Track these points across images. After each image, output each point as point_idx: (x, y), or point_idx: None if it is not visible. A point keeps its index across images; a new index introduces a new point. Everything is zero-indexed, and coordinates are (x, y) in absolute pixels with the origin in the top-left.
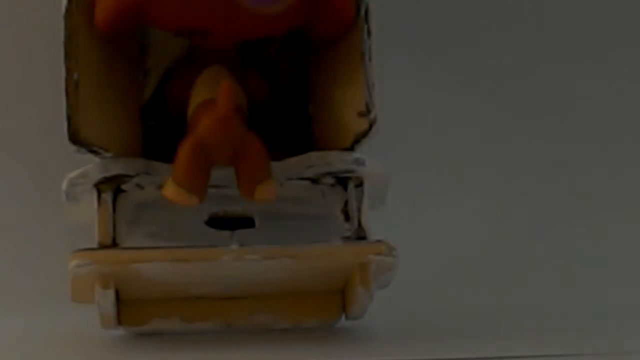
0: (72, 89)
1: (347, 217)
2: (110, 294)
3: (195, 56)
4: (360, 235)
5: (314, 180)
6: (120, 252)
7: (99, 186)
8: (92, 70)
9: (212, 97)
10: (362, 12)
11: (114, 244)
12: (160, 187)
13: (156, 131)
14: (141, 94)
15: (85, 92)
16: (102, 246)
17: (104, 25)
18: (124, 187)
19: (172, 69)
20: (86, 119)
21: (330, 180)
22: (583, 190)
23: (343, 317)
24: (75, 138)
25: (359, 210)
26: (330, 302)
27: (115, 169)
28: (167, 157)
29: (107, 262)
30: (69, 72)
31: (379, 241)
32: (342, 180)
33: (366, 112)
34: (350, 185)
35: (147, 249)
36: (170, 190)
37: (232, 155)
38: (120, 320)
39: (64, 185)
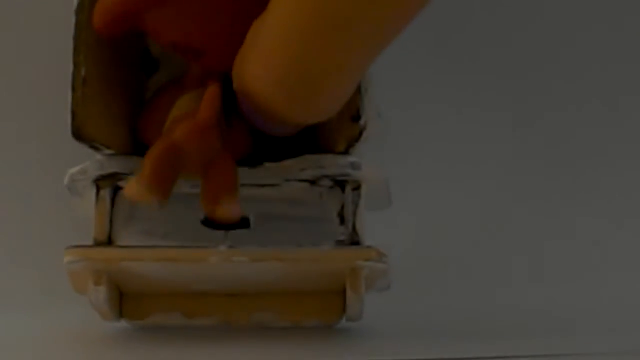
0: (78, 85)
1: (343, 221)
2: (102, 290)
3: (180, 90)
4: (354, 240)
5: (313, 182)
6: (111, 250)
7: (99, 183)
8: (99, 67)
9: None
10: None
11: (109, 241)
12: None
13: None
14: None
15: (91, 89)
16: (97, 243)
17: (99, 27)
18: (121, 184)
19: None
20: (91, 115)
21: (328, 182)
22: (584, 191)
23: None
24: (79, 133)
25: (355, 214)
26: (331, 302)
27: (111, 167)
28: None
29: (98, 259)
30: (77, 67)
31: (369, 247)
32: (340, 183)
33: (357, 118)
34: (348, 189)
35: (137, 248)
36: (133, 188)
37: (203, 167)
38: (122, 313)
39: (65, 181)
